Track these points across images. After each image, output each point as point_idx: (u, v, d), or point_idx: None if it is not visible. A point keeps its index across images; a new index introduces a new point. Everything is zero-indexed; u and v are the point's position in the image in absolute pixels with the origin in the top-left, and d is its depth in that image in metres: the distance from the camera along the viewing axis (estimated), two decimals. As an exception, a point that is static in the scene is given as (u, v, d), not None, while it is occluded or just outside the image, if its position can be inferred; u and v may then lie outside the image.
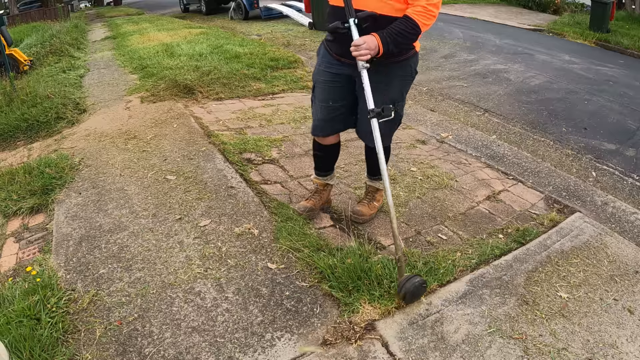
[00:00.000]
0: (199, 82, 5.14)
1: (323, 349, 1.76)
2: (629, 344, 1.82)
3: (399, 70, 2.15)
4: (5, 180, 3.08)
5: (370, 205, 2.66)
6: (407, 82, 2.24)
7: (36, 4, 23.23)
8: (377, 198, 2.68)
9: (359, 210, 2.63)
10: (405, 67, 2.17)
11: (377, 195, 2.68)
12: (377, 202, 2.68)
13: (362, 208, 2.64)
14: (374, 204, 2.68)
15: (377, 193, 2.68)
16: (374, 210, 2.67)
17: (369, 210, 2.64)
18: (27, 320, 1.82)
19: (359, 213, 2.62)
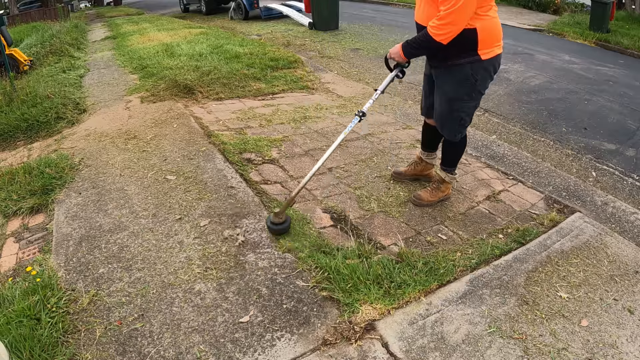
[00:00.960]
0: (199, 82, 5.14)
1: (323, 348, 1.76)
2: (629, 344, 1.82)
3: (455, 73, 2.35)
4: (5, 180, 3.08)
5: (432, 193, 2.79)
6: (466, 85, 2.37)
7: (36, 4, 23.22)
8: (442, 189, 2.79)
9: (419, 194, 2.80)
10: (459, 71, 2.33)
11: (443, 186, 2.79)
12: (441, 192, 2.80)
13: (422, 193, 2.81)
14: (437, 193, 2.79)
15: (443, 184, 2.79)
16: (435, 199, 2.78)
17: (429, 197, 2.78)
18: (27, 320, 1.82)
19: (417, 197, 2.79)
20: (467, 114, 2.51)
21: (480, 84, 2.39)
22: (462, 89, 2.39)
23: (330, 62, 7.08)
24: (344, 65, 6.92)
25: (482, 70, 2.33)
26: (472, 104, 2.47)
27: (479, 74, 2.33)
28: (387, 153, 3.52)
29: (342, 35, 9.30)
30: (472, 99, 2.44)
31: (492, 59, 2.33)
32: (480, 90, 2.42)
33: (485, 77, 2.38)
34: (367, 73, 6.45)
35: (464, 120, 2.53)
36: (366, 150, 3.56)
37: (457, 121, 2.51)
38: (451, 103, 2.44)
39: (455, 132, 2.57)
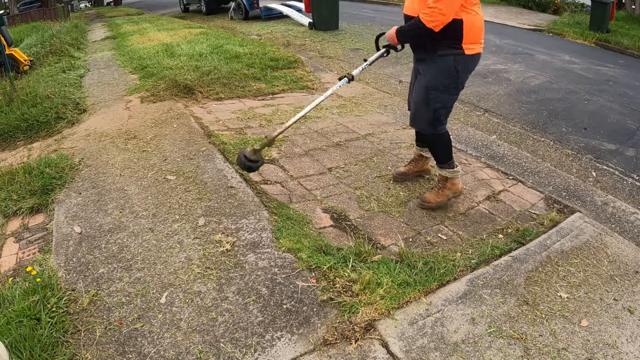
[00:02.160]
0: (199, 82, 5.14)
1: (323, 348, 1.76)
2: (629, 344, 1.82)
3: (440, 64, 2.45)
4: (5, 180, 3.08)
5: (438, 194, 2.75)
6: (448, 75, 2.45)
7: (36, 4, 23.23)
8: (448, 186, 2.74)
9: (425, 196, 2.78)
10: (443, 61, 2.43)
11: (448, 184, 2.74)
12: (448, 190, 2.75)
13: (428, 195, 2.78)
14: (444, 192, 2.74)
15: (447, 181, 2.74)
16: (442, 199, 2.74)
17: (435, 198, 2.74)
18: (27, 320, 1.82)
19: (424, 199, 2.77)
20: (443, 106, 2.54)
21: (461, 78, 2.48)
22: (443, 78, 2.46)
23: (330, 62, 7.08)
24: (344, 65, 6.92)
25: (464, 64, 2.43)
26: (449, 97, 2.53)
27: (460, 67, 2.43)
28: (387, 153, 3.52)
29: (342, 35, 9.30)
30: (449, 92, 2.51)
31: (473, 57, 2.45)
32: (459, 84, 2.50)
33: (465, 72, 2.48)
34: (367, 73, 6.45)
35: (439, 113, 2.56)
36: (366, 150, 3.56)
37: (432, 112, 2.55)
38: (428, 91, 2.51)
39: (428, 124, 2.60)
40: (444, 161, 2.71)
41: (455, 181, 2.74)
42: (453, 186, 2.75)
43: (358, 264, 2.20)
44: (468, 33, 2.36)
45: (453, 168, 2.73)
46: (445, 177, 2.74)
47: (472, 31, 2.37)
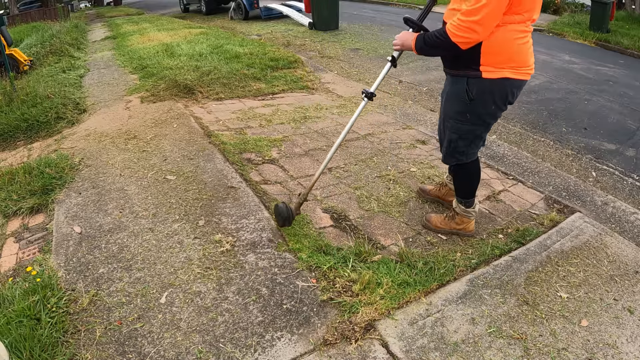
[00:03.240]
0: (199, 82, 5.14)
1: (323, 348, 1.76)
2: (629, 344, 1.81)
3: (453, 85, 2.09)
4: (5, 180, 3.08)
5: (444, 221, 2.51)
6: (458, 101, 2.06)
7: (36, 4, 23.23)
8: (457, 221, 2.47)
9: (430, 216, 2.56)
10: (455, 83, 2.06)
11: (457, 219, 2.47)
12: (455, 224, 2.48)
13: (434, 216, 2.55)
14: (449, 223, 2.49)
15: (457, 216, 2.47)
16: (445, 227, 2.50)
17: (438, 224, 2.52)
18: (27, 320, 1.82)
19: (428, 218, 2.56)
20: (460, 136, 2.15)
21: (479, 107, 2.03)
22: (454, 104, 2.11)
23: (330, 62, 7.08)
24: (344, 65, 6.92)
25: (481, 91, 1.98)
26: (467, 128, 2.11)
27: (476, 94, 1.99)
28: (387, 153, 3.52)
29: (342, 35, 9.30)
30: (467, 122, 2.09)
31: (499, 82, 1.94)
32: (480, 114, 2.06)
33: (486, 101, 2.01)
34: (367, 73, 6.45)
35: (456, 145, 2.18)
36: (366, 150, 3.56)
37: (448, 141, 2.21)
38: (445, 118, 2.20)
39: (445, 152, 2.28)
40: (463, 195, 2.41)
41: (466, 220, 2.46)
42: (462, 224, 2.47)
43: (358, 264, 2.20)
44: (489, 53, 1.89)
45: (469, 207, 2.41)
46: (455, 211, 2.49)
47: (499, 52, 1.89)
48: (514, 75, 1.95)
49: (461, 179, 2.37)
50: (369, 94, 2.28)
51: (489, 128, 2.20)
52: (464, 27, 1.79)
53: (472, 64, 1.95)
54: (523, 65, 1.96)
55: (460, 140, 2.17)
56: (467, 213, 2.44)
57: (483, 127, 2.14)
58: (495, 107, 2.04)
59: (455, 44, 1.84)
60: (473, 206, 2.43)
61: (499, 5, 1.74)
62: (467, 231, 2.48)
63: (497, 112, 2.08)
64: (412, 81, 6.07)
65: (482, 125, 2.12)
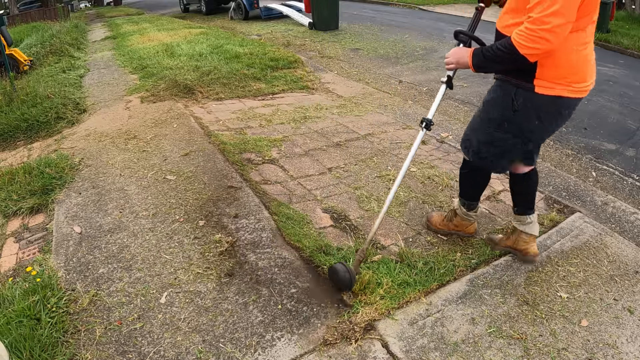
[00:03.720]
0: (199, 82, 5.15)
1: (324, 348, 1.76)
2: (629, 344, 1.81)
3: (497, 87, 1.91)
4: (5, 180, 3.08)
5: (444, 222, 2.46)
6: (499, 107, 1.89)
7: (36, 4, 23.24)
8: (455, 222, 2.41)
9: (431, 215, 2.53)
10: (502, 88, 1.87)
11: (456, 220, 2.41)
12: (454, 225, 2.42)
13: (435, 215, 2.52)
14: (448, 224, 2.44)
15: (456, 218, 2.40)
16: (444, 228, 2.46)
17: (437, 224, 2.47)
18: (27, 320, 1.82)
19: (429, 218, 2.52)
20: (490, 141, 1.97)
21: (521, 120, 1.86)
22: (495, 108, 1.93)
23: (330, 62, 7.08)
24: (344, 65, 6.92)
25: (529, 104, 1.81)
26: (500, 136, 1.94)
27: (521, 107, 1.82)
28: (387, 153, 3.52)
29: (342, 35, 9.30)
30: (502, 129, 1.92)
31: (550, 99, 1.77)
32: (520, 127, 1.88)
33: (530, 116, 1.84)
34: (367, 73, 6.45)
35: (485, 149, 2.01)
36: (366, 150, 3.56)
37: (476, 142, 2.04)
38: (480, 115, 2.03)
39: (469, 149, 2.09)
40: (463, 197, 2.33)
41: (464, 223, 2.39)
42: (461, 225, 2.40)
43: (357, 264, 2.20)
44: (546, 66, 1.72)
45: (469, 210, 2.33)
46: (454, 212, 2.41)
47: (557, 67, 1.71)
48: (568, 93, 1.75)
49: (469, 180, 2.27)
50: (428, 123, 2.05)
51: (530, 146, 1.95)
52: (535, 36, 1.58)
53: (526, 75, 1.77)
54: (581, 81, 1.75)
55: (492, 146, 1.99)
56: (467, 216, 2.37)
57: (520, 141, 1.93)
58: (539, 123, 1.86)
59: (523, 56, 1.63)
60: (475, 209, 2.35)
61: (573, 9, 1.55)
62: (467, 232, 2.44)
63: (541, 130, 1.90)
64: (412, 81, 6.07)
65: (518, 138, 1.92)
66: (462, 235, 2.44)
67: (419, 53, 7.73)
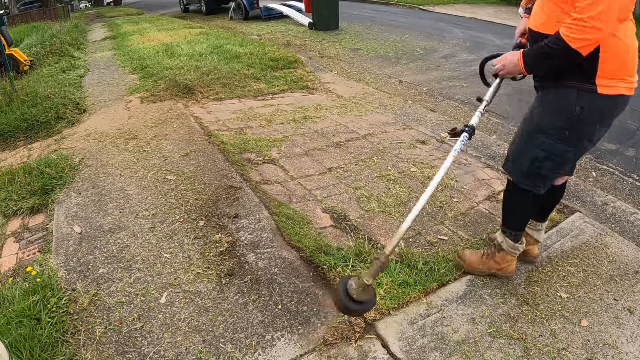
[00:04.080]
0: (199, 82, 5.15)
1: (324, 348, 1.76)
2: (629, 344, 1.82)
3: (557, 97, 1.76)
4: (5, 180, 3.08)
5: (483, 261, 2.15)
6: (561, 115, 1.74)
7: (36, 4, 23.24)
8: (497, 259, 2.11)
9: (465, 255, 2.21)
10: (562, 95, 1.73)
11: (498, 257, 2.11)
12: (495, 263, 2.12)
13: (469, 253, 2.22)
14: (488, 262, 2.14)
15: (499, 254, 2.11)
16: (481, 267, 2.15)
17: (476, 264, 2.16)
18: (27, 320, 1.82)
19: (461, 256, 2.22)
20: (547, 156, 1.81)
21: (584, 124, 1.72)
22: (554, 118, 1.77)
23: (330, 62, 7.08)
24: (344, 65, 6.92)
25: (592, 106, 1.68)
26: (560, 147, 1.78)
27: (585, 108, 1.68)
28: (387, 153, 3.52)
29: (342, 35, 9.30)
30: (562, 140, 1.77)
31: (613, 99, 1.66)
32: (580, 133, 1.74)
33: (593, 120, 1.71)
34: (367, 73, 6.45)
35: (539, 164, 1.84)
36: (366, 150, 3.56)
37: (529, 160, 1.87)
38: (533, 132, 1.85)
39: (521, 173, 1.92)
40: (509, 227, 2.07)
41: (508, 258, 2.10)
42: (503, 263, 2.11)
43: (358, 264, 2.20)
44: (608, 62, 1.61)
45: (515, 242, 2.07)
46: (499, 246, 2.10)
47: (618, 62, 1.62)
48: (627, 91, 1.66)
49: (517, 206, 2.02)
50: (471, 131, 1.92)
51: (580, 154, 1.85)
52: (584, 26, 1.50)
53: (587, 75, 1.64)
54: (632, 75, 1.65)
55: (547, 160, 1.82)
56: (514, 250, 2.07)
57: (575, 150, 1.80)
58: (600, 127, 1.75)
59: (575, 50, 1.54)
60: (520, 241, 2.09)
61: None
62: (507, 273, 2.12)
63: (599, 135, 1.78)
64: (412, 81, 6.07)
65: (577, 147, 1.78)
66: (501, 276, 2.14)
67: (419, 53, 7.73)
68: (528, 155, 1.87)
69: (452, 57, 7.48)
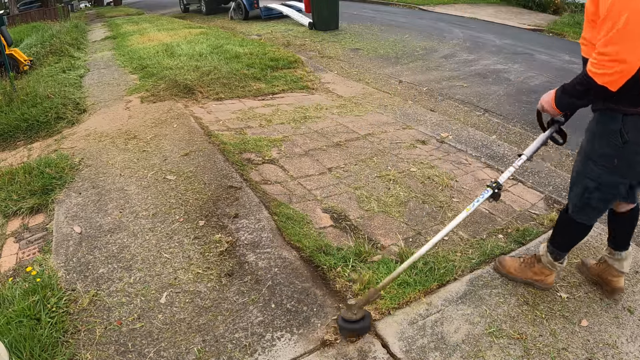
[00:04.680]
0: (199, 82, 5.15)
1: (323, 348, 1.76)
2: (629, 344, 1.82)
3: (601, 121, 1.65)
4: (5, 180, 3.08)
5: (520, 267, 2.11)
6: (605, 142, 1.63)
7: (36, 4, 23.23)
8: (535, 270, 2.07)
9: (504, 258, 2.21)
10: (607, 120, 1.61)
11: (536, 267, 2.06)
12: (532, 273, 2.07)
13: (509, 260, 2.18)
14: (526, 271, 2.09)
15: (538, 264, 2.06)
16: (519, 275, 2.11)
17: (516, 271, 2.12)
18: (27, 320, 1.82)
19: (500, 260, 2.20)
20: (596, 186, 1.71)
21: (633, 153, 1.59)
22: (600, 145, 1.66)
23: (330, 62, 7.08)
24: (344, 65, 6.92)
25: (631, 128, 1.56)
26: (611, 178, 1.67)
27: (632, 137, 1.56)
28: (387, 153, 3.52)
29: (342, 35, 9.30)
30: (613, 169, 1.65)
31: None
32: (631, 162, 1.62)
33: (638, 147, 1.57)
34: (367, 73, 6.45)
35: (589, 195, 1.74)
36: (366, 150, 3.56)
37: (582, 188, 1.77)
38: (583, 160, 1.76)
39: (574, 202, 1.83)
40: (554, 244, 2.00)
41: (545, 271, 2.05)
42: (541, 274, 2.06)
43: (358, 264, 2.20)
44: None
45: (556, 261, 2.01)
46: (539, 258, 2.07)
47: None
48: None
49: (567, 232, 1.95)
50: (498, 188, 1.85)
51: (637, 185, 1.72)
52: (607, 60, 1.42)
53: (632, 98, 1.52)
54: None
55: (596, 191, 1.72)
56: (551, 266, 2.03)
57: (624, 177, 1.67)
58: None
59: (602, 86, 1.46)
60: (562, 261, 2.03)
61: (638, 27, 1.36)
62: (545, 284, 2.08)
63: None
64: (412, 81, 6.07)
65: (628, 178, 1.67)
66: (539, 287, 2.09)
67: (419, 53, 7.73)
68: (581, 183, 1.78)
69: (452, 57, 7.48)
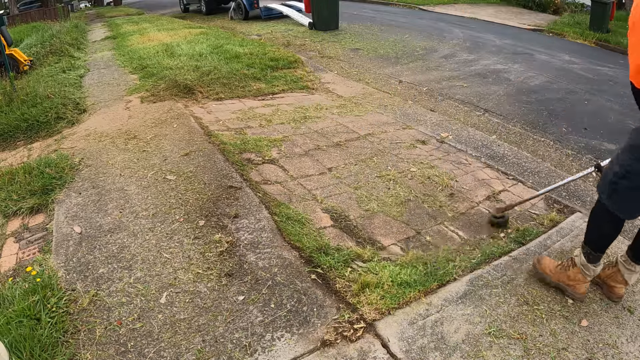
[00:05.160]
0: (199, 82, 5.14)
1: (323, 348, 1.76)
2: (629, 344, 1.81)
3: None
4: (5, 180, 3.08)
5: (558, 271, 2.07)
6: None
7: (36, 4, 23.22)
8: (570, 275, 2.02)
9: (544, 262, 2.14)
10: None
11: (571, 272, 2.01)
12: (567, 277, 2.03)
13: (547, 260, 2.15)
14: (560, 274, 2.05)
15: (573, 269, 2.01)
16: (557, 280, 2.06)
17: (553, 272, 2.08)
18: (27, 320, 1.82)
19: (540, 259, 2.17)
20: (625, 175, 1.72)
21: None
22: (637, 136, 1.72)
23: (330, 62, 7.08)
24: (344, 65, 6.92)
25: None
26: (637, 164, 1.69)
27: None
28: (387, 153, 3.52)
29: (342, 35, 9.30)
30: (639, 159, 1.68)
31: None
32: None
33: None
34: (367, 73, 6.45)
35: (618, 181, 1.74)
36: (366, 150, 3.56)
37: (612, 173, 1.78)
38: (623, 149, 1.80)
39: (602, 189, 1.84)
40: (588, 242, 1.97)
41: (579, 277, 1.99)
42: (574, 280, 2.01)
43: (358, 264, 2.20)
44: None
45: (589, 263, 1.96)
46: (574, 261, 2.03)
47: None
48: None
49: (596, 225, 1.93)
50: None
51: None
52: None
53: None
54: None
55: (625, 180, 1.72)
56: (585, 269, 1.96)
57: None
58: None
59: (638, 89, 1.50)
60: (596, 264, 1.96)
61: None
62: (576, 292, 2.02)
63: None
64: (412, 81, 6.07)
65: None
66: (571, 294, 2.03)
67: (419, 53, 7.72)
68: (611, 169, 1.78)
69: (452, 57, 7.48)
